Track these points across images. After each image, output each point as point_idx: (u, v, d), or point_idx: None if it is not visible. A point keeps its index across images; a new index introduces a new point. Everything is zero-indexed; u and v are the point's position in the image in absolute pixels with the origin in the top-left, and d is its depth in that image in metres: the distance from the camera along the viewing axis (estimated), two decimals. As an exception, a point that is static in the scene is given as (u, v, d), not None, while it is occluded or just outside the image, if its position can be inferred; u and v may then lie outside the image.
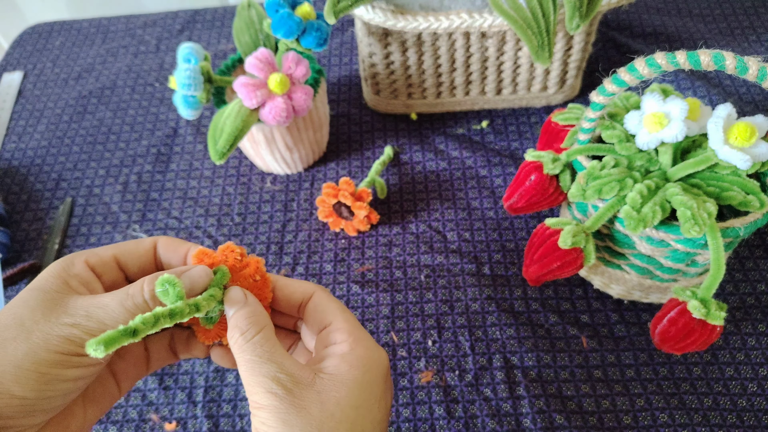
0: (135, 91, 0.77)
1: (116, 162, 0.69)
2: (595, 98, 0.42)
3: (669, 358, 0.51)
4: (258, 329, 0.30)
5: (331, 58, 0.78)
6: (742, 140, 0.40)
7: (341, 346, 0.31)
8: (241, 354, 0.29)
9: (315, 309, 0.33)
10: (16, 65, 0.82)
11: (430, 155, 0.66)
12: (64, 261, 0.31)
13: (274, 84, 0.52)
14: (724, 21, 0.76)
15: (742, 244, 0.57)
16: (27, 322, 0.27)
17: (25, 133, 0.74)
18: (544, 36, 0.51)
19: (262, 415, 0.28)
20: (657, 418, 0.48)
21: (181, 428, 0.50)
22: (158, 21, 0.86)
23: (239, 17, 0.60)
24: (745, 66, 0.35)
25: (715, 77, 0.70)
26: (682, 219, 0.40)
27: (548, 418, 0.48)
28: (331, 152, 0.68)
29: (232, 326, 0.30)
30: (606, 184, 0.44)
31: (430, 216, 0.61)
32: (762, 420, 0.47)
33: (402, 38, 0.60)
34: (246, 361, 0.29)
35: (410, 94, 0.67)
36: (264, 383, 0.28)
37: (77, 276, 0.30)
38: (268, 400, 0.28)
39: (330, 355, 0.31)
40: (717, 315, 0.40)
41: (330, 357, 0.30)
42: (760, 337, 0.51)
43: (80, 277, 0.30)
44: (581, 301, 0.54)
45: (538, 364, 0.51)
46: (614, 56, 0.73)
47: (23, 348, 0.27)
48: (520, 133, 0.67)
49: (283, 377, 0.28)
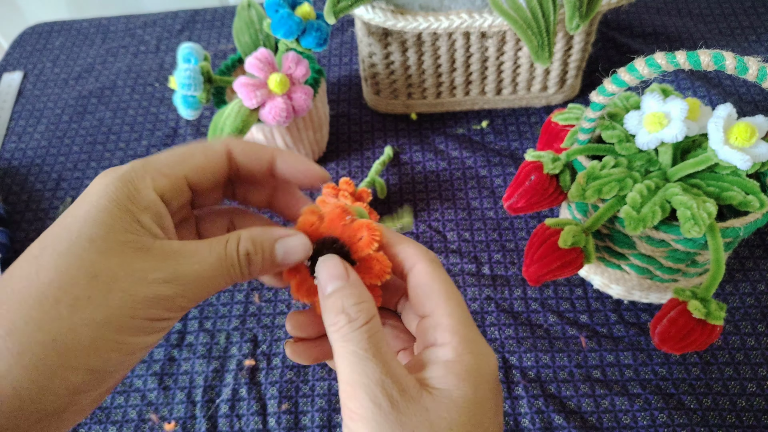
0: (135, 91, 0.77)
1: (116, 162, 0.69)
2: (595, 98, 0.42)
3: (668, 358, 0.51)
4: (368, 317, 0.25)
5: (331, 58, 0.78)
6: (742, 140, 0.40)
7: (445, 350, 0.25)
8: (343, 344, 0.24)
9: (415, 288, 0.27)
10: (16, 65, 0.82)
11: (430, 155, 0.66)
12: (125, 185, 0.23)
13: (274, 84, 0.52)
14: (724, 21, 0.76)
15: (742, 244, 0.57)
16: (102, 275, 0.21)
17: (25, 133, 0.74)
18: (544, 36, 0.51)
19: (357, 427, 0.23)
20: (656, 419, 0.48)
21: (180, 428, 0.50)
22: (158, 21, 0.86)
23: (239, 17, 0.60)
24: (745, 66, 0.35)
25: (715, 77, 0.70)
26: (682, 219, 0.40)
27: (547, 418, 0.48)
28: (331, 152, 0.68)
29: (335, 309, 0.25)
30: (606, 184, 0.44)
31: (430, 216, 0.61)
32: (761, 420, 0.47)
33: (402, 38, 0.60)
34: (349, 353, 0.24)
35: (410, 94, 0.67)
36: (367, 388, 0.23)
37: (148, 209, 0.23)
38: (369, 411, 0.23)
39: (433, 362, 0.25)
40: (717, 315, 0.40)
41: (433, 365, 0.25)
42: (760, 337, 0.51)
43: (152, 211, 0.24)
44: (581, 301, 0.54)
45: (536, 364, 0.51)
46: (614, 56, 0.73)
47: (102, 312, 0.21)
48: (520, 133, 0.67)
49: (390, 384, 0.23)
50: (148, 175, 0.24)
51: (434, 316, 0.26)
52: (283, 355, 0.53)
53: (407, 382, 0.24)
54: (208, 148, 0.26)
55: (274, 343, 0.54)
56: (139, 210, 0.23)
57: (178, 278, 0.23)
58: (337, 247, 0.27)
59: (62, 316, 0.21)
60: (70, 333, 0.21)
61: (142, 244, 0.23)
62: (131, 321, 0.22)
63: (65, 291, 0.21)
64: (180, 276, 0.23)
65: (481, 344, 0.26)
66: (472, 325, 0.26)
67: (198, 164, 0.25)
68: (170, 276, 0.23)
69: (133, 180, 0.24)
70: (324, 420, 0.50)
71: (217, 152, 0.26)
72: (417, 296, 0.27)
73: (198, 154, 0.26)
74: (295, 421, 0.50)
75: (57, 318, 0.21)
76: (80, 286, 0.21)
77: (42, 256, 0.22)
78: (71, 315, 0.21)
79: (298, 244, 0.26)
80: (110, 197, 0.23)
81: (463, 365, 0.25)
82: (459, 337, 0.25)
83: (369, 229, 0.27)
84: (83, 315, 0.21)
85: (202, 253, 0.24)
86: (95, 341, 0.21)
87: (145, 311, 0.22)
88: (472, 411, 0.24)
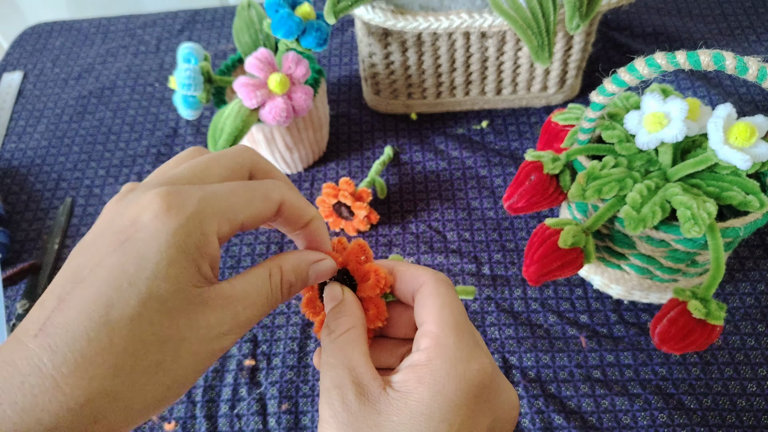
0: (135, 91, 0.77)
1: (116, 162, 0.69)
2: (595, 98, 0.42)
3: (668, 358, 0.51)
4: (344, 328, 0.26)
5: (331, 58, 0.78)
6: (742, 140, 0.40)
7: (419, 355, 0.25)
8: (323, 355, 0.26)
9: (417, 304, 0.28)
10: (16, 65, 0.82)
11: (430, 155, 0.66)
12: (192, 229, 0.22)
13: (274, 84, 0.52)
14: (724, 21, 0.76)
15: (742, 244, 0.57)
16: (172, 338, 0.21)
17: (25, 133, 0.74)
18: (544, 36, 0.51)
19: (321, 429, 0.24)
20: (656, 419, 0.48)
21: (180, 428, 0.50)
22: (158, 21, 0.86)
23: (239, 17, 0.60)
24: (745, 66, 0.35)
25: (715, 77, 0.70)
26: (682, 219, 0.40)
27: (547, 418, 0.48)
28: (331, 152, 0.68)
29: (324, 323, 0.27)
30: (606, 184, 0.44)
31: (430, 216, 0.61)
32: (761, 420, 0.47)
33: (402, 38, 0.60)
34: (324, 364, 0.26)
35: (410, 94, 0.67)
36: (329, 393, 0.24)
37: (210, 257, 0.23)
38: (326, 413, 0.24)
39: (403, 366, 0.25)
40: (717, 315, 0.40)
41: (402, 369, 0.25)
42: (760, 337, 0.51)
43: (211, 257, 0.23)
44: (581, 301, 0.54)
45: (536, 364, 0.51)
46: (614, 56, 0.73)
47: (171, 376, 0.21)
48: (520, 133, 0.67)
49: (349, 387, 0.24)
50: (215, 221, 0.23)
51: (425, 324, 0.26)
52: (283, 355, 0.53)
53: (369, 386, 0.24)
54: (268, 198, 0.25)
55: (274, 343, 0.54)
56: (202, 258, 0.22)
57: (238, 326, 0.23)
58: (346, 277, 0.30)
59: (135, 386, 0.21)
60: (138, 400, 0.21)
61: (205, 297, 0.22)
62: (195, 375, 0.22)
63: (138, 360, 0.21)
64: (239, 324, 0.23)
65: (462, 352, 0.25)
66: (461, 334, 0.25)
67: (256, 212, 0.25)
68: (231, 328, 0.23)
69: (202, 226, 0.22)
70: (324, 420, 0.50)
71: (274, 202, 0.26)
72: (417, 309, 0.27)
73: (258, 201, 0.25)
74: (295, 421, 0.50)
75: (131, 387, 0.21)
76: (152, 353, 0.21)
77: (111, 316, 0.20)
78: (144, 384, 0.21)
79: (328, 268, 0.28)
80: (179, 246, 0.21)
81: (429, 369, 0.24)
82: (436, 343, 0.25)
83: (376, 274, 0.28)
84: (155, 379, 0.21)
85: (252, 296, 0.24)
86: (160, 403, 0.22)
87: (208, 364, 0.23)
88: (425, 415, 0.23)
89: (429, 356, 0.25)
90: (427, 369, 0.24)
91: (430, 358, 0.25)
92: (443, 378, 0.24)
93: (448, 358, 0.24)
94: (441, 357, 0.24)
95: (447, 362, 0.24)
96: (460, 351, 0.25)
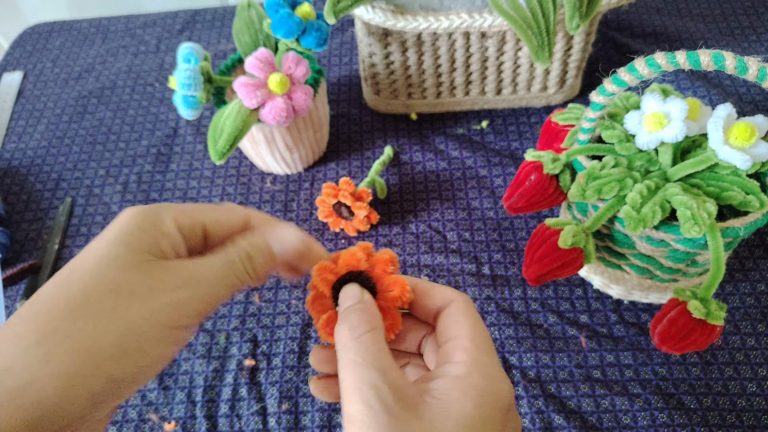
0: (135, 91, 0.77)
1: (116, 162, 0.69)
2: (595, 98, 0.42)
3: (668, 358, 0.51)
4: (369, 328, 0.26)
5: (331, 58, 0.78)
6: (742, 140, 0.40)
7: (457, 366, 0.26)
8: (344, 353, 0.26)
9: (446, 319, 0.29)
10: (16, 65, 0.82)
11: (430, 155, 0.66)
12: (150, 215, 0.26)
13: (274, 84, 0.52)
14: (724, 21, 0.76)
15: (742, 244, 0.57)
16: (124, 288, 0.23)
17: (25, 133, 0.74)
18: (544, 36, 0.51)
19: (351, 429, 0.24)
20: (656, 419, 0.48)
21: (180, 428, 0.50)
22: (158, 21, 0.86)
23: (239, 17, 0.60)
24: (745, 66, 0.35)
25: (715, 77, 0.70)
26: (682, 219, 0.40)
27: (547, 418, 0.48)
28: (331, 152, 0.68)
29: (340, 321, 0.27)
30: (606, 184, 0.44)
31: (430, 216, 0.61)
32: (761, 420, 0.47)
33: (402, 38, 0.60)
34: (348, 362, 0.25)
35: (410, 94, 0.67)
36: (362, 392, 0.24)
37: (168, 236, 0.26)
38: (362, 413, 0.24)
39: (443, 375, 0.26)
40: (717, 315, 0.40)
41: (442, 377, 0.26)
42: (760, 337, 0.51)
43: (170, 239, 0.26)
44: (581, 301, 0.54)
45: (536, 364, 0.51)
46: (614, 56, 0.73)
47: (123, 322, 0.23)
48: (520, 133, 0.67)
49: (385, 389, 0.24)
50: (172, 211, 0.26)
51: (457, 339, 0.27)
52: (283, 355, 0.53)
53: (406, 390, 0.24)
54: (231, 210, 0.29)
55: (274, 343, 0.54)
56: (160, 235, 0.25)
57: (192, 282, 0.25)
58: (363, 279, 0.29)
59: (87, 327, 0.22)
60: (93, 342, 0.22)
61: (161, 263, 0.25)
62: (151, 330, 0.23)
63: (91, 304, 0.23)
64: (193, 280, 0.25)
65: (496, 370, 0.26)
66: (491, 354, 0.27)
67: (217, 218, 0.28)
68: (185, 281, 0.25)
69: (158, 212, 0.26)
70: (324, 420, 0.50)
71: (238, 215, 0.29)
72: (446, 324, 0.28)
73: (220, 210, 0.28)
74: (295, 421, 0.50)
75: (82, 329, 0.22)
76: (105, 300, 0.23)
77: (71, 275, 0.24)
78: (96, 326, 0.22)
79: (288, 233, 0.28)
80: (135, 223, 0.25)
81: (470, 382, 0.25)
82: (474, 359, 0.26)
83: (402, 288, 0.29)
84: (106, 326, 0.23)
85: (211, 260, 0.26)
86: (117, 350, 0.23)
87: (163, 318, 0.24)
88: (468, 427, 0.24)
89: (468, 370, 0.26)
90: (469, 382, 0.25)
91: (470, 371, 0.25)
92: (484, 393, 0.25)
93: (487, 374, 0.26)
94: (480, 373, 0.26)
95: (486, 379, 0.25)
96: (495, 369, 0.26)
